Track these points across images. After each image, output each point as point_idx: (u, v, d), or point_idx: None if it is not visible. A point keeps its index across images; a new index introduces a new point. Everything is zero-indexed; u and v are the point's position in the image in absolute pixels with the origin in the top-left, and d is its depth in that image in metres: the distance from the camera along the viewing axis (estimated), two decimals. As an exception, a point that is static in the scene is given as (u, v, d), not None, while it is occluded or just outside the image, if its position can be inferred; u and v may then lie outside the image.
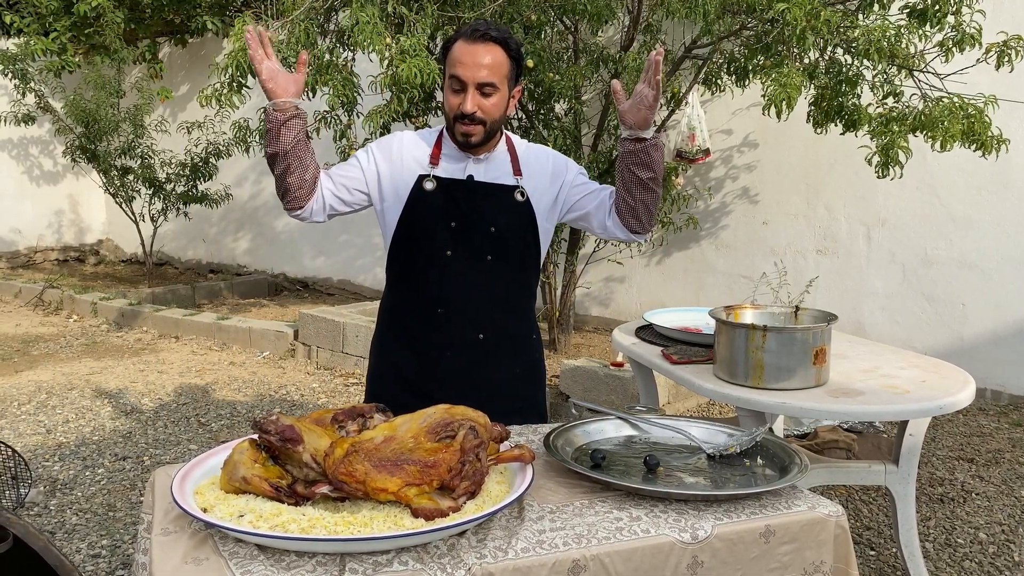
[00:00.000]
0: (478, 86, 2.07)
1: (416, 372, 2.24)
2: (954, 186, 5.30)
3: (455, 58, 2.08)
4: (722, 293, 6.36)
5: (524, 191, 2.20)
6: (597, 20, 5.02)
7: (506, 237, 2.20)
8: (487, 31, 2.07)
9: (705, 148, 6.04)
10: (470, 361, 2.23)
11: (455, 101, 2.09)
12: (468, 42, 2.07)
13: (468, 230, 2.17)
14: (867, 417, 2.33)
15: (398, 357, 2.27)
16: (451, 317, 2.20)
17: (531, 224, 2.22)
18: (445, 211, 2.17)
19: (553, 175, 2.26)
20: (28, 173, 10.43)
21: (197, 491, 1.59)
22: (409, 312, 2.25)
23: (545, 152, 2.29)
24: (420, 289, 2.22)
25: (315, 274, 9.07)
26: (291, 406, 5.11)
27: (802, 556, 1.65)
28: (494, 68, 2.07)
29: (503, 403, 2.16)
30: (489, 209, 2.18)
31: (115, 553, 3.21)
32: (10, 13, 8.95)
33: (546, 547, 1.48)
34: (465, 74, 2.06)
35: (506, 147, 2.23)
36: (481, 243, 2.18)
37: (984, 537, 3.37)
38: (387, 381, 2.30)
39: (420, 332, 2.23)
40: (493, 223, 2.18)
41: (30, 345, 6.60)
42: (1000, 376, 5.21)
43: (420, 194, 2.17)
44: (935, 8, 4.29)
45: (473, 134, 2.11)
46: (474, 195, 2.18)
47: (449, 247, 2.18)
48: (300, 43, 4.61)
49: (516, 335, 2.27)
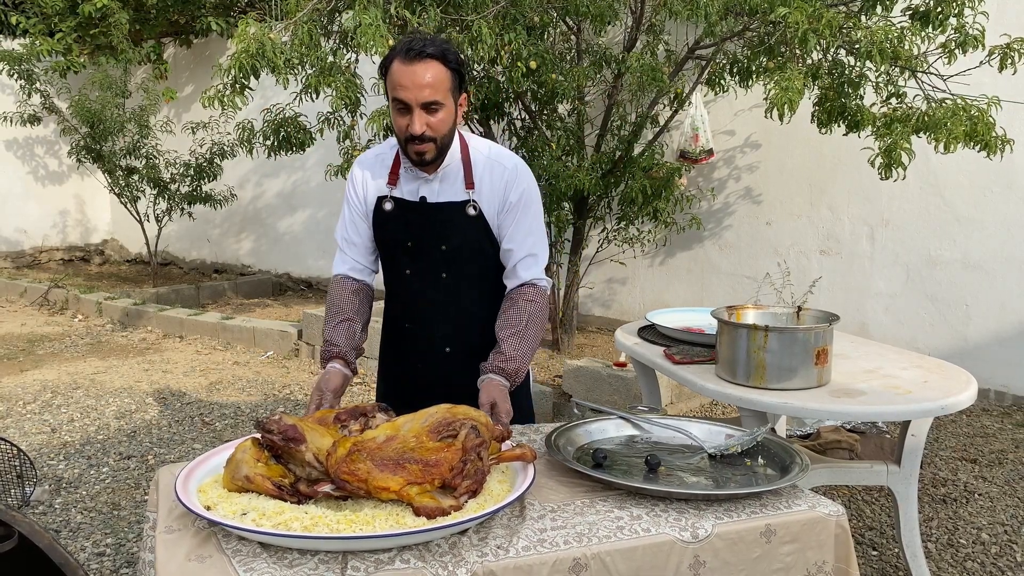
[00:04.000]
0: (423, 106, 2.03)
1: (403, 379, 2.38)
2: (958, 187, 5.29)
3: (395, 81, 2.04)
4: (725, 293, 6.36)
5: (476, 204, 2.18)
6: (600, 21, 5.02)
7: (459, 254, 2.21)
8: (423, 48, 2.02)
9: (708, 148, 6.05)
10: (445, 371, 2.30)
11: (403, 123, 2.06)
12: (405, 62, 2.01)
13: (422, 250, 2.22)
14: (869, 417, 2.34)
15: (391, 362, 2.43)
16: (417, 332, 2.30)
17: (485, 235, 2.21)
18: (402, 233, 2.23)
19: (504, 189, 2.20)
20: (34, 173, 10.47)
21: (200, 489, 1.60)
22: (391, 324, 2.38)
23: (504, 167, 2.21)
24: (393, 304, 2.35)
25: (319, 274, 9.09)
26: (295, 406, 5.12)
27: (805, 556, 1.66)
28: (436, 85, 2.02)
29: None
30: (441, 228, 2.19)
31: (119, 551, 3.23)
32: (16, 14, 8.98)
33: (547, 546, 1.49)
34: (408, 96, 2.02)
35: (460, 157, 2.19)
36: (435, 262, 2.22)
37: (986, 537, 3.37)
38: (389, 382, 2.46)
39: (398, 343, 2.37)
40: (444, 242, 2.20)
41: (35, 344, 6.63)
42: (1004, 377, 5.20)
43: (381, 215, 2.24)
44: (937, 11, 4.29)
45: (426, 151, 2.09)
46: (425, 216, 2.20)
47: (407, 266, 2.25)
48: (304, 44, 4.63)
49: (485, 345, 2.19)
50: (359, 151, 5.53)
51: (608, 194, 5.78)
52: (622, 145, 5.60)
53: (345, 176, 5.53)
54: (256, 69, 4.49)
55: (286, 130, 5.63)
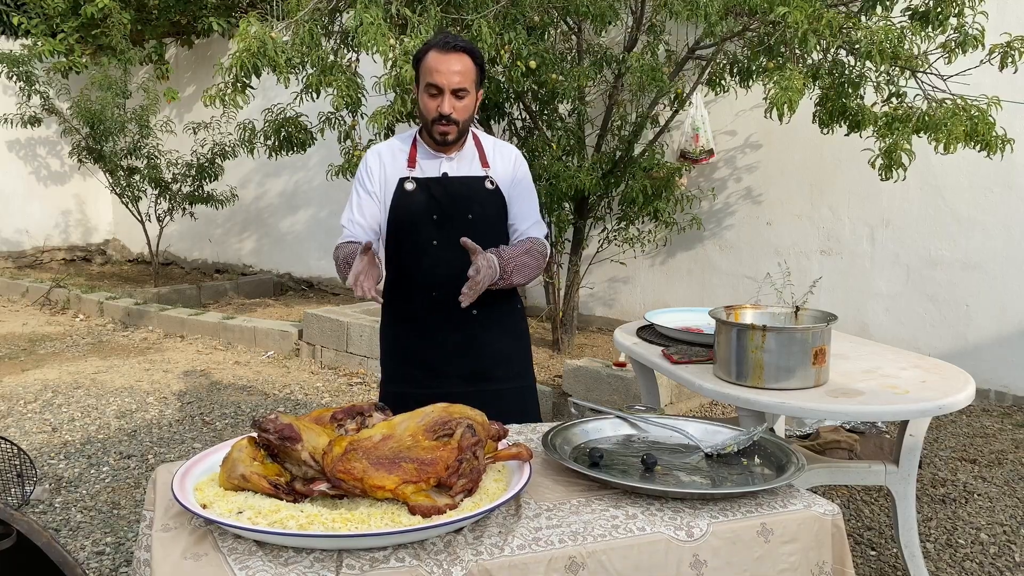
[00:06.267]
0: (453, 91, 2.34)
1: (424, 349, 2.52)
2: (958, 187, 5.29)
3: (431, 67, 2.34)
4: (726, 294, 6.36)
5: (493, 179, 2.50)
6: (601, 21, 5.02)
7: (482, 222, 2.46)
8: (456, 42, 2.35)
9: (709, 149, 6.05)
10: (468, 334, 2.50)
11: (432, 104, 2.36)
12: (441, 52, 2.34)
13: (449, 221, 2.45)
14: (866, 417, 2.34)
15: (406, 339, 2.55)
16: (446, 299, 2.42)
17: (502, 208, 2.51)
18: (427, 207, 2.45)
19: (513, 168, 2.55)
20: (35, 173, 10.49)
21: (197, 488, 1.61)
22: (410, 298, 2.52)
23: (510, 149, 2.59)
24: (416, 277, 2.49)
25: (320, 274, 9.10)
26: (295, 405, 5.13)
27: (807, 557, 1.66)
28: (465, 74, 2.35)
29: (502, 367, 2.54)
30: (464, 200, 2.46)
31: (119, 550, 3.23)
32: (18, 14, 9.00)
33: (542, 544, 1.49)
34: (441, 80, 2.33)
35: (473, 143, 2.52)
36: (461, 231, 2.38)
37: (985, 538, 3.37)
38: (398, 361, 2.59)
39: (421, 314, 2.51)
40: (469, 211, 2.46)
41: (37, 344, 6.64)
42: (1004, 377, 5.20)
43: (403, 194, 2.46)
44: (937, 11, 4.29)
45: (449, 133, 2.39)
46: (450, 189, 2.46)
47: (435, 237, 2.45)
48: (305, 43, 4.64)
49: (505, 306, 2.55)
50: (360, 151, 5.53)
51: (608, 194, 5.79)
52: (622, 145, 5.60)
53: (347, 176, 5.55)
54: (257, 68, 4.50)
55: (287, 130, 5.64)
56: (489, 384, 2.51)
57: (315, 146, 5.96)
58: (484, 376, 2.52)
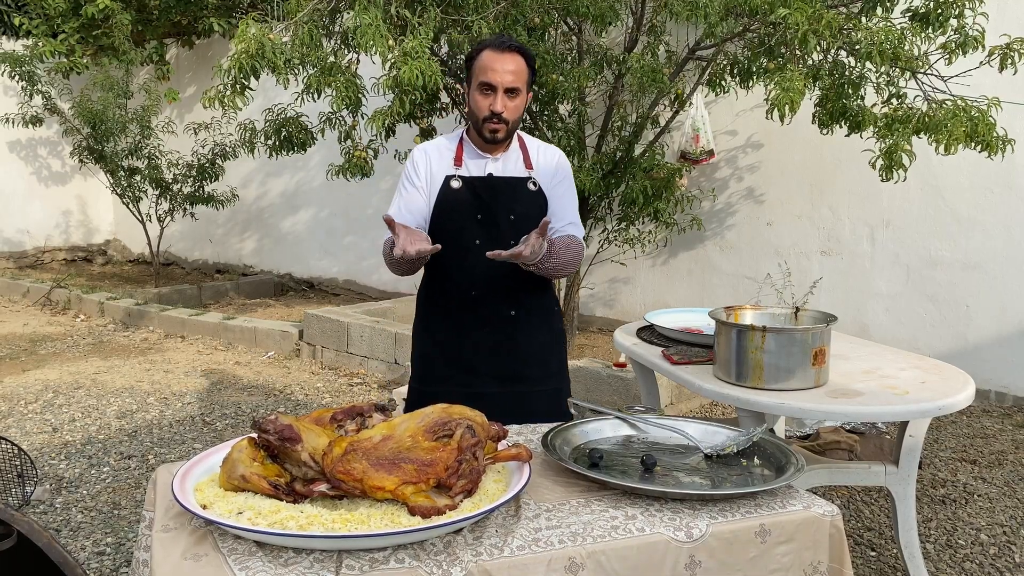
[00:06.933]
0: (506, 90, 2.37)
1: (459, 347, 2.52)
2: (958, 187, 5.29)
3: (485, 65, 2.38)
4: (727, 294, 6.36)
5: (536, 181, 2.52)
6: (601, 22, 5.02)
7: (525, 223, 2.44)
8: (510, 43, 2.41)
9: (709, 149, 6.05)
10: (505, 334, 2.51)
11: (484, 102, 2.39)
12: (496, 51, 2.38)
13: (492, 220, 2.46)
14: (866, 418, 2.34)
15: (442, 337, 2.55)
16: (484, 297, 2.48)
17: (543, 210, 2.51)
18: (472, 205, 2.47)
19: (555, 170, 2.56)
20: (36, 174, 10.49)
21: (197, 488, 1.61)
22: (447, 296, 2.53)
23: (555, 151, 2.60)
24: (455, 275, 2.50)
25: (321, 274, 9.10)
26: (295, 406, 5.13)
27: (801, 557, 1.66)
28: (518, 74, 2.39)
29: (537, 369, 2.55)
30: (508, 200, 2.48)
31: (119, 551, 3.24)
32: (19, 15, 9.00)
33: (542, 545, 1.49)
34: (495, 79, 2.36)
35: (518, 144, 2.54)
36: (504, 231, 2.45)
37: (985, 538, 3.37)
38: (434, 360, 2.57)
39: (459, 313, 2.52)
40: (512, 212, 2.47)
41: (37, 344, 6.65)
42: (1004, 378, 5.20)
43: (448, 192, 2.48)
44: (937, 12, 4.29)
45: (499, 131, 2.41)
46: (495, 189, 2.48)
47: (477, 237, 2.46)
48: (304, 44, 4.64)
49: (542, 308, 2.57)
50: (360, 151, 5.54)
51: (609, 195, 5.79)
52: (623, 146, 5.60)
53: (347, 176, 5.56)
54: (256, 69, 4.50)
55: (287, 130, 5.64)
56: (523, 385, 2.51)
57: (316, 146, 5.96)
58: (519, 377, 2.52)
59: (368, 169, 5.56)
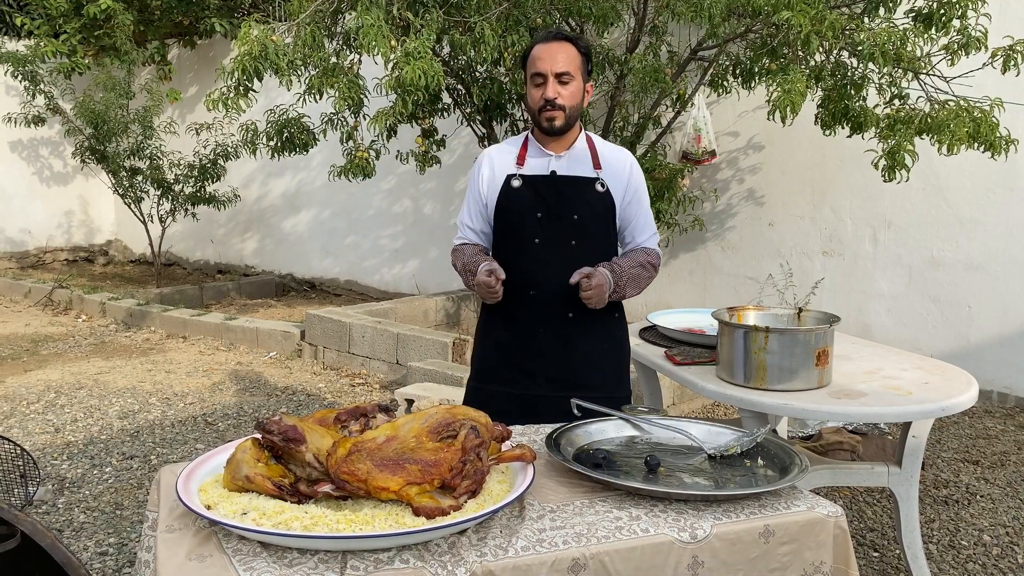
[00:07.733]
0: (556, 76, 2.36)
1: (516, 348, 2.50)
2: (961, 188, 5.29)
3: (534, 57, 2.40)
4: (728, 295, 6.36)
5: (604, 182, 2.47)
6: (603, 22, 5.02)
7: (588, 224, 2.45)
8: (558, 33, 2.43)
9: (711, 150, 6.04)
10: (562, 336, 2.47)
11: (538, 93, 2.39)
12: (544, 43, 2.41)
13: (553, 219, 2.44)
14: (869, 418, 2.34)
15: (499, 336, 2.54)
16: (542, 298, 2.46)
17: (611, 212, 2.49)
18: (532, 204, 2.45)
19: (629, 178, 2.52)
20: (38, 174, 10.50)
21: (201, 489, 1.61)
22: (506, 295, 2.46)
23: (625, 154, 2.56)
24: (514, 274, 2.45)
25: (322, 275, 9.10)
26: (297, 406, 5.14)
27: (802, 557, 1.66)
28: (568, 60, 2.38)
29: (593, 375, 2.48)
30: (571, 199, 2.45)
31: (122, 551, 3.24)
32: (21, 15, 9.01)
33: (546, 546, 1.49)
34: (544, 67, 2.37)
35: (586, 144, 2.51)
36: (565, 230, 2.44)
37: (988, 539, 3.37)
38: (492, 359, 2.56)
39: (516, 312, 2.49)
40: (575, 211, 2.44)
41: (39, 345, 6.65)
42: (1007, 378, 5.19)
43: (509, 191, 2.47)
44: (939, 12, 4.29)
45: (556, 118, 2.39)
46: (557, 187, 2.45)
47: (537, 235, 2.45)
48: (306, 45, 4.64)
49: (602, 313, 2.48)
50: (362, 152, 5.55)
51: (610, 195, 5.78)
52: (625, 146, 5.60)
53: (349, 177, 5.56)
54: (259, 71, 4.50)
55: (289, 131, 5.64)
56: (578, 391, 2.34)
57: (317, 147, 5.96)
58: (573, 382, 2.45)
59: (370, 170, 5.57)
